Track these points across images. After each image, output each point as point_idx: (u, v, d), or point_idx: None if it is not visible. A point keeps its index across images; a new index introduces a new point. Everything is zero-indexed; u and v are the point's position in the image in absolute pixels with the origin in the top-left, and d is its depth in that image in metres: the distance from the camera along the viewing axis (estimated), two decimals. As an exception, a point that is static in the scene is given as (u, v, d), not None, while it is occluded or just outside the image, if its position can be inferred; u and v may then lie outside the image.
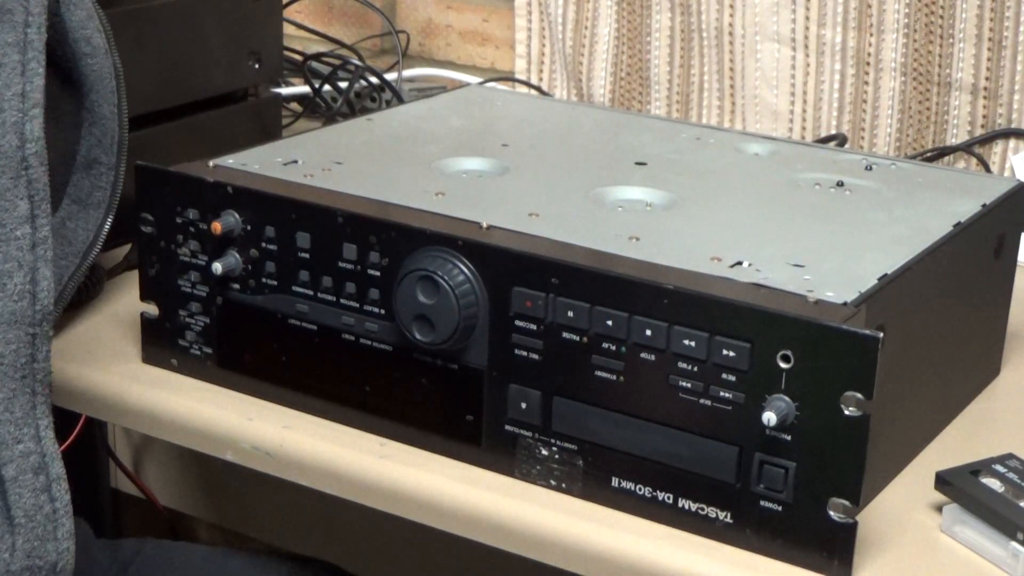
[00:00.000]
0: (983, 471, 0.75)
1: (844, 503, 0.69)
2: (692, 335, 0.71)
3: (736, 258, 0.77)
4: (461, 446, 0.80)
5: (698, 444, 0.72)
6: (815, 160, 0.99)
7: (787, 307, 0.70)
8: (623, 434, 0.74)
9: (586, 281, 0.74)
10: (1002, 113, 1.22)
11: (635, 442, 0.74)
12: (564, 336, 0.75)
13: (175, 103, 1.16)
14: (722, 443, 0.71)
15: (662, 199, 0.88)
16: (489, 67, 1.50)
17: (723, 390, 0.71)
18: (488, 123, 1.06)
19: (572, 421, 0.76)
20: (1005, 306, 0.96)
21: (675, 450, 0.73)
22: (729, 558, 0.72)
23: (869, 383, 0.67)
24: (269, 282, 0.85)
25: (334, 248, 0.82)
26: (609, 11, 1.37)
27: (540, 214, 0.83)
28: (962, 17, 1.20)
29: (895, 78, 1.25)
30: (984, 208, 0.89)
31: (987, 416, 0.90)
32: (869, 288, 0.74)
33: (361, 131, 1.01)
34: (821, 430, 0.69)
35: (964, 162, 1.25)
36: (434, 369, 0.80)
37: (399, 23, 1.54)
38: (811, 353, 0.68)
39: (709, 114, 1.35)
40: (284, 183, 0.86)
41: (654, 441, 0.73)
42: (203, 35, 1.16)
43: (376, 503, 0.82)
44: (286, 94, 1.39)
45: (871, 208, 0.89)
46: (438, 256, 0.77)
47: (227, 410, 0.87)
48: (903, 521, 0.76)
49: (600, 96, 1.40)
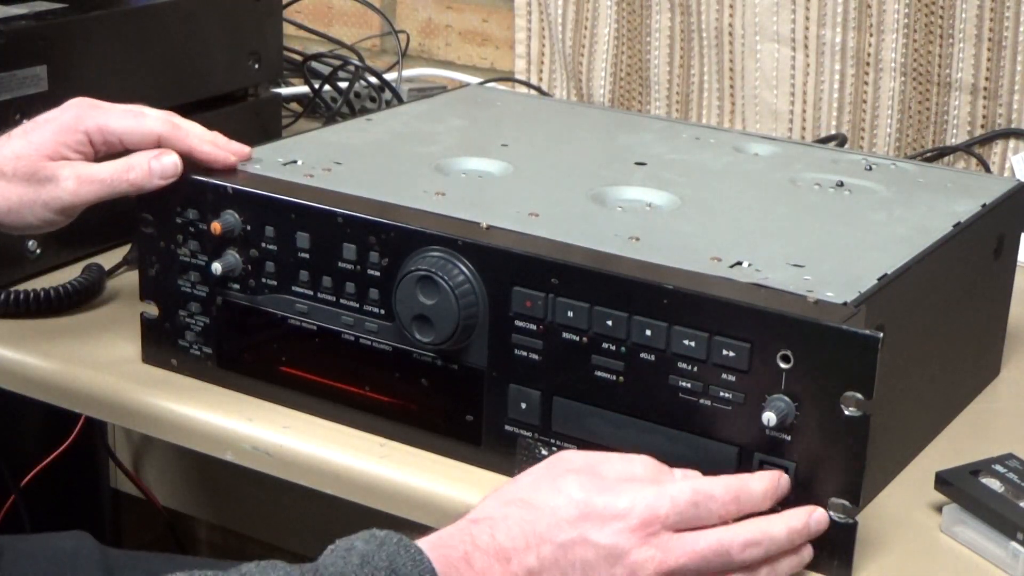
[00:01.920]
0: (983, 471, 0.75)
1: (844, 503, 0.69)
2: (692, 335, 0.71)
3: (736, 258, 0.77)
4: (461, 446, 0.80)
5: (698, 444, 0.72)
6: (815, 160, 0.99)
7: (787, 307, 0.70)
8: (623, 434, 0.74)
9: (586, 281, 0.74)
10: (1002, 113, 1.22)
11: (635, 442, 0.74)
12: (564, 336, 0.75)
13: (175, 103, 1.15)
14: (722, 443, 0.71)
15: (662, 199, 0.88)
16: (489, 67, 1.50)
17: (723, 390, 0.71)
18: (488, 123, 1.06)
19: (572, 421, 0.76)
20: (1005, 306, 0.96)
21: (675, 450, 0.73)
22: (729, 558, 0.72)
23: (869, 383, 0.67)
24: (269, 282, 0.85)
25: (334, 248, 0.82)
26: (609, 11, 1.37)
27: (540, 214, 0.83)
28: (962, 17, 1.20)
29: (895, 78, 1.25)
30: (984, 208, 0.89)
31: (987, 416, 0.90)
32: (869, 288, 0.74)
33: (361, 131, 1.01)
34: (821, 430, 0.69)
35: (964, 162, 1.25)
36: (434, 369, 0.80)
37: (399, 23, 1.54)
38: (811, 353, 0.68)
39: (709, 114, 1.35)
40: (284, 183, 0.86)
41: (654, 441, 0.73)
42: (203, 35, 1.16)
43: (376, 503, 0.82)
44: (286, 94, 1.39)
45: (871, 208, 0.89)
46: (438, 256, 0.77)
47: (227, 410, 0.87)
48: (903, 521, 0.76)
49: (600, 96, 1.40)
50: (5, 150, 0.85)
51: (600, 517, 0.67)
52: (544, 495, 0.68)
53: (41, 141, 0.84)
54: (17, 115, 1.00)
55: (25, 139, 0.85)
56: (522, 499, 0.69)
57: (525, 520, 0.68)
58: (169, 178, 0.85)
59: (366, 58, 1.49)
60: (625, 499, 0.67)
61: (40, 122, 0.86)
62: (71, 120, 0.85)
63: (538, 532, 0.67)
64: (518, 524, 0.67)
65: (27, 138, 0.85)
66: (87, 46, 1.06)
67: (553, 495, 0.68)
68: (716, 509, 0.68)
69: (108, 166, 0.85)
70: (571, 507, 0.68)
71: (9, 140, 0.86)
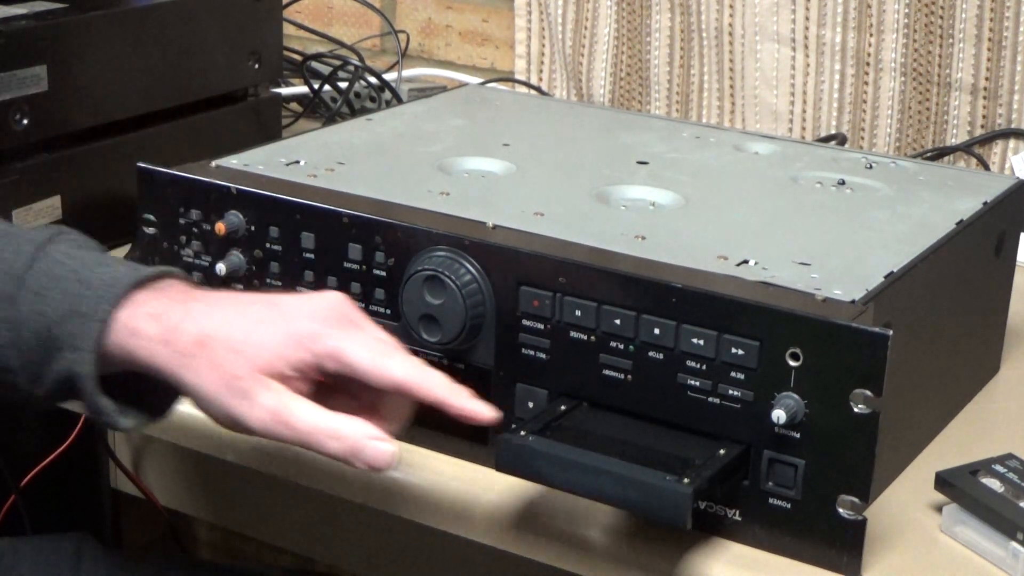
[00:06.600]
0: (983, 471, 0.75)
1: (853, 500, 0.69)
2: (700, 333, 0.71)
3: (742, 256, 0.77)
4: (468, 446, 0.80)
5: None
6: (816, 159, 0.99)
7: (795, 305, 0.70)
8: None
9: (593, 280, 0.74)
10: (1002, 113, 1.22)
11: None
12: (571, 335, 0.75)
13: (175, 103, 1.16)
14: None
15: (666, 198, 0.88)
16: (489, 67, 1.50)
17: (732, 388, 0.71)
18: (488, 123, 1.06)
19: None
20: (1005, 304, 0.96)
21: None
22: (739, 556, 0.72)
23: (878, 380, 0.67)
24: (274, 283, 0.85)
25: (339, 248, 0.82)
26: (609, 11, 1.37)
27: (545, 213, 0.83)
28: (962, 17, 1.21)
29: (895, 78, 1.25)
30: (985, 206, 0.90)
31: (987, 415, 0.90)
32: (876, 286, 0.74)
33: (362, 131, 1.01)
34: (830, 427, 0.69)
35: (964, 162, 1.25)
36: (441, 369, 0.80)
37: (399, 23, 1.54)
38: (820, 351, 0.68)
39: (709, 114, 1.36)
40: (288, 184, 0.86)
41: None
42: (203, 35, 1.16)
43: (378, 503, 0.82)
44: (286, 94, 1.39)
45: (874, 206, 0.89)
46: (445, 256, 0.77)
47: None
48: (903, 521, 0.76)
49: (600, 96, 1.40)
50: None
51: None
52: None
53: (261, 344, 0.68)
54: (17, 115, 1.00)
55: (250, 326, 0.69)
56: None
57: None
58: (376, 470, 0.68)
59: (366, 58, 1.49)
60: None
61: (276, 311, 0.70)
62: (307, 335, 0.68)
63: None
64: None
65: (259, 329, 0.69)
66: (87, 46, 1.06)
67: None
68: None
69: (311, 419, 0.68)
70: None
71: (243, 315, 0.70)
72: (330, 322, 0.69)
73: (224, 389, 0.68)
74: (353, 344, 0.69)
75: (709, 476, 0.69)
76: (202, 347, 0.68)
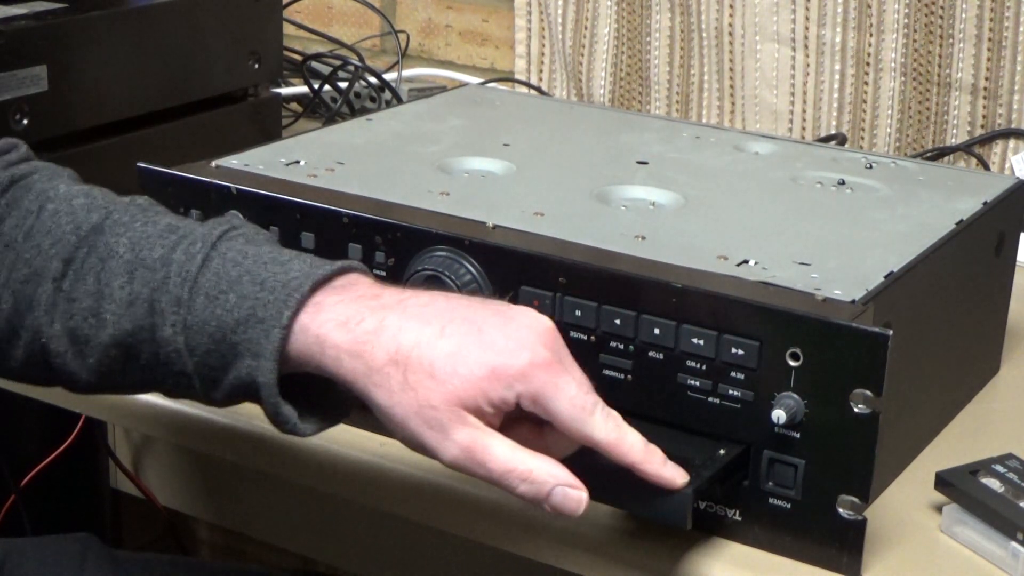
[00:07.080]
0: (983, 471, 0.75)
1: (853, 500, 0.69)
2: (700, 333, 0.71)
3: (742, 256, 0.77)
4: (467, 445, 0.80)
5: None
6: (815, 159, 0.99)
7: (796, 305, 0.70)
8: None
9: (593, 280, 0.74)
10: (1002, 113, 1.22)
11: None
12: (572, 335, 0.75)
13: (175, 103, 1.16)
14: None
15: (666, 198, 0.88)
16: (489, 67, 1.50)
17: (732, 388, 0.71)
18: (488, 123, 1.06)
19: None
20: (1005, 304, 0.96)
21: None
22: (739, 556, 0.72)
23: (878, 380, 0.67)
24: (274, 282, 0.85)
25: (339, 249, 0.82)
26: (609, 11, 1.37)
27: (545, 213, 0.83)
28: (962, 17, 1.21)
29: (895, 78, 1.25)
30: (985, 206, 0.90)
31: (987, 415, 0.90)
32: (876, 286, 0.74)
33: (362, 131, 1.01)
34: (830, 427, 0.69)
35: (964, 162, 1.25)
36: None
37: (399, 23, 1.54)
38: (820, 351, 0.68)
39: (709, 114, 1.36)
40: (288, 184, 0.86)
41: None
42: (203, 35, 1.16)
43: (378, 502, 0.82)
44: (286, 94, 1.39)
45: (873, 206, 0.89)
46: (445, 256, 0.77)
47: (228, 410, 0.86)
48: (903, 521, 0.76)
49: (600, 96, 1.40)
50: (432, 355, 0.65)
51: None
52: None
53: (462, 376, 0.64)
54: (17, 115, 1.00)
55: (452, 351, 0.65)
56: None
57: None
58: (562, 515, 0.65)
59: (366, 58, 1.49)
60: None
61: (480, 337, 0.65)
62: (514, 374, 0.64)
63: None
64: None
65: (460, 357, 0.65)
66: (87, 46, 1.06)
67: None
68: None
69: (506, 460, 0.65)
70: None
71: (442, 336, 0.65)
72: (537, 360, 0.65)
73: (416, 416, 0.64)
74: (558, 393, 0.65)
75: (709, 476, 0.69)
76: (396, 366, 0.64)
